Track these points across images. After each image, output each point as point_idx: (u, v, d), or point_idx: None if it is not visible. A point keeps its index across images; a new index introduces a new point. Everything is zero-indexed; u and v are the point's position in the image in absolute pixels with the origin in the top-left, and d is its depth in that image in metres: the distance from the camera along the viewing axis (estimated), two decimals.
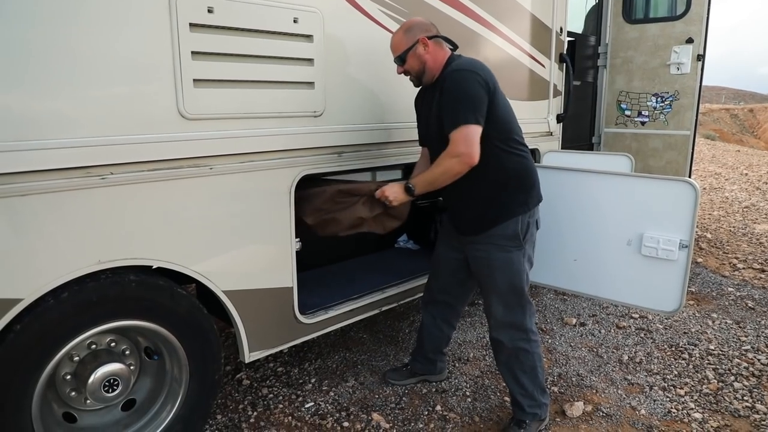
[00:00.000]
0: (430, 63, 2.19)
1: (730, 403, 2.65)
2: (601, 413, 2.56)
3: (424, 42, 2.17)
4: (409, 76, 2.29)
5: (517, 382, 2.32)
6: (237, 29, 1.96)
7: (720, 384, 2.82)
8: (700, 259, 4.96)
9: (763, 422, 2.50)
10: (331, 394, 2.70)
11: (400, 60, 2.23)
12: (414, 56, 2.19)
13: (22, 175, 1.55)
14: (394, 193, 2.26)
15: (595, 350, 3.18)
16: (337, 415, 2.53)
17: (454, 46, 2.29)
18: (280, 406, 2.61)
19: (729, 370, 2.96)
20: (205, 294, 2.13)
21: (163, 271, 1.93)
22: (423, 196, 2.32)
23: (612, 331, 3.44)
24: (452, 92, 2.07)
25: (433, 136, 2.21)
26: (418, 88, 2.36)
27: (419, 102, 2.39)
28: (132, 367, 2.01)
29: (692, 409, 2.60)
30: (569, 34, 3.89)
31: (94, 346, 1.91)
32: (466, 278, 2.47)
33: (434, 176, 2.13)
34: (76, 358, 1.88)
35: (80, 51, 1.62)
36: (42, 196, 1.60)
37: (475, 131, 2.02)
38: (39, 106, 1.57)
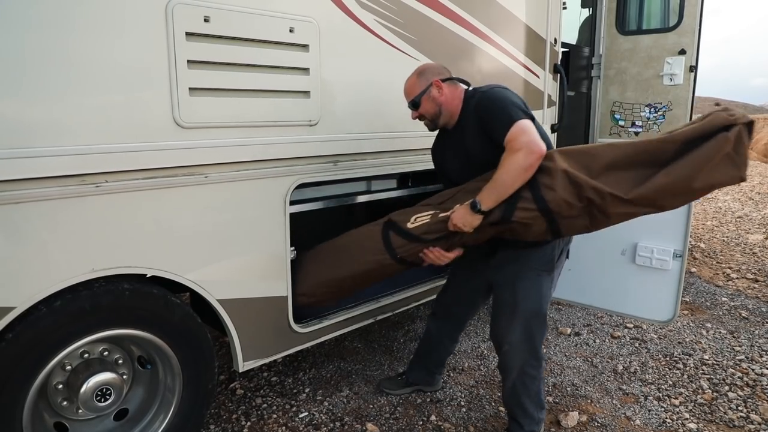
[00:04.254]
0: (446, 104, 2.15)
1: (725, 413, 2.65)
2: (596, 423, 2.55)
3: (438, 85, 2.14)
4: (424, 121, 2.25)
5: (520, 407, 2.28)
6: (233, 38, 1.97)
7: (714, 394, 2.82)
8: (693, 269, 4.98)
9: None
10: (326, 403, 2.69)
11: (414, 104, 2.19)
12: (428, 99, 2.16)
13: (16, 182, 1.55)
14: (461, 218, 2.01)
15: (589, 360, 3.18)
16: (332, 425, 2.52)
17: (467, 85, 2.24)
18: (274, 415, 2.59)
19: (723, 380, 2.97)
20: (199, 303, 2.12)
21: (157, 280, 1.92)
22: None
23: (607, 340, 3.44)
24: (492, 107, 2.00)
25: (475, 169, 2.08)
26: (427, 127, 2.30)
27: (439, 150, 2.32)
28: (125, 377, 1.99)
29: (687, 419, 2.60)
30: (563, 44, 3.92)
31: (86, 355, 1.89)
32: (478, 300, 2.51)
33: (501, 180, 1.89)
34: (69, 367, 1.86)
35: (76, 58, 1.62)
36: (36, 204, 1.59)
37: (529, 124, 1.90)
38: (34, 113, 1.56)
